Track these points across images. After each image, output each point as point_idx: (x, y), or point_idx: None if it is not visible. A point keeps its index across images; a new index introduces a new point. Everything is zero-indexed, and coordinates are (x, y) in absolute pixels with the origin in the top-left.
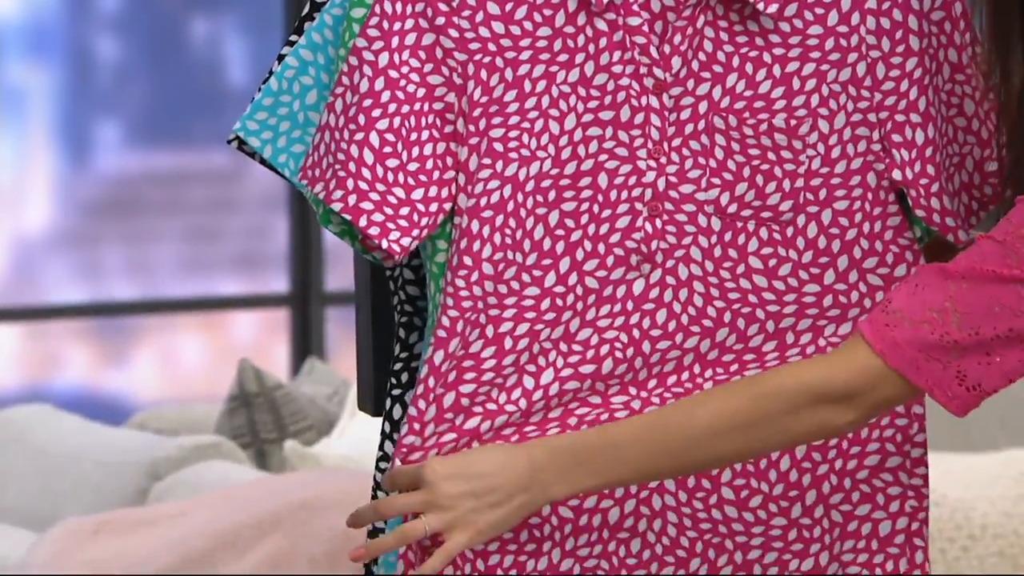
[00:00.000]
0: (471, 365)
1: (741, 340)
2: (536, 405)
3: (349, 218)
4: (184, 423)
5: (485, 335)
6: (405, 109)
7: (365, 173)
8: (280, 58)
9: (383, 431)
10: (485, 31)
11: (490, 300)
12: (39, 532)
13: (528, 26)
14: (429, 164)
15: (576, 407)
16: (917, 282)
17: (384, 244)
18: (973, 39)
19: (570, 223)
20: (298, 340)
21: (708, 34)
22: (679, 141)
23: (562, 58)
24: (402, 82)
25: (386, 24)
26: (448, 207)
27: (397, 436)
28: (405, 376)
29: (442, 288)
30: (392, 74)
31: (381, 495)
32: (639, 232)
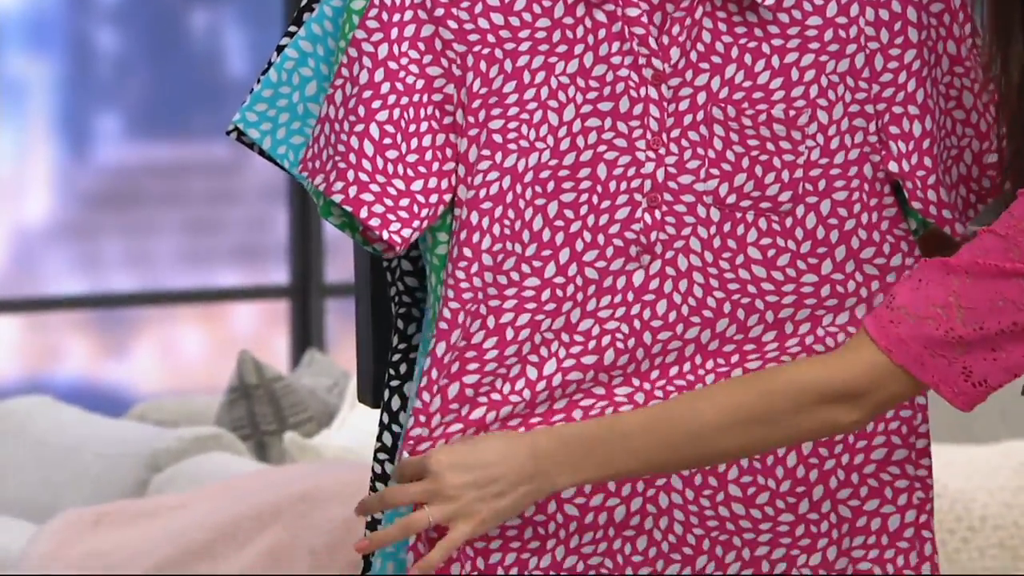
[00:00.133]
0: (474, 356)
1: (741, 330)
2: (540, 396)
3: (350, 209)
4: (184, 415)
5: (487, 326)
6: (404, 100)
7: (365, 164)
8: (279, 49)
9: (381, 422)
10: (484, 22)
11: (490, 291)
12: (39, 523)
13: (527, 17)
14: (429, 155)
15: (581, 399)
16: (920, 277)
17: (385, 235)
18: (972, 31)
19: (569, 214)
20: (298, 332)
21: (707, 25)
22: (678, 132)
23: (561, 49)
24: (401, 73)
25: (385, 15)
26: (448, 198)
27: (395, 427)
28: (404, 367)
29: (443, 280)
30: (392, 65)
31: (380, 486)
32: (638, 223)
